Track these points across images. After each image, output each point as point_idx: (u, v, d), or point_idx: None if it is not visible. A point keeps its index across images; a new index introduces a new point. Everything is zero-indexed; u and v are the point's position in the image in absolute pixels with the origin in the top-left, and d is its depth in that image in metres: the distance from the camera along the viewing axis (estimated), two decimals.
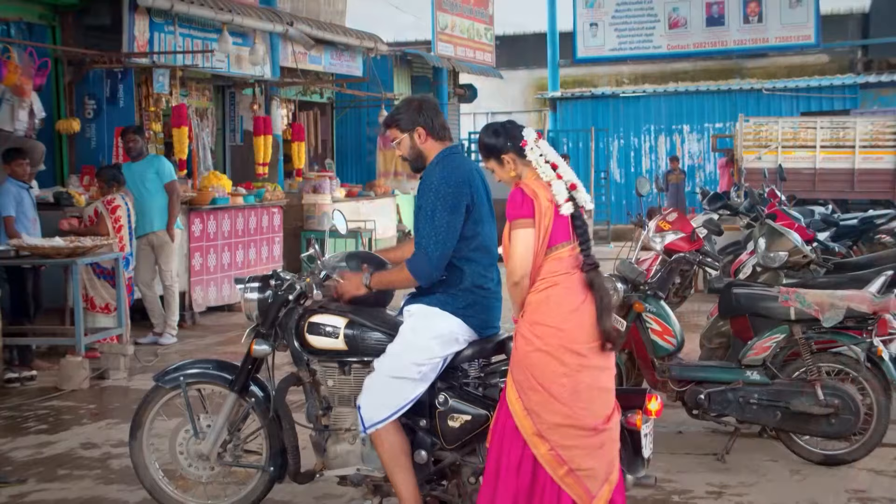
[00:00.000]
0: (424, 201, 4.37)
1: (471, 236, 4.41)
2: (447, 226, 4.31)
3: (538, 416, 3.95)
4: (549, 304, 4.00)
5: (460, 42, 20.79)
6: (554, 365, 3.97)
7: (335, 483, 4.82)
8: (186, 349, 9.82)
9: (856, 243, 11.73)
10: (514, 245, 4.00)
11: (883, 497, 5.40)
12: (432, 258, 4.32)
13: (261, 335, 4.75)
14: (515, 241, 4.00)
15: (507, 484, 3.97)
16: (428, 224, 4.33)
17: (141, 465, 5.05)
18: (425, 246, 4.34)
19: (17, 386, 8.25)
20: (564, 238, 4.05)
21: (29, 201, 8.84)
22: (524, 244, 3.99)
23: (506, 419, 4.01)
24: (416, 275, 4.39)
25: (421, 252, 4.35)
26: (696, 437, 6.53)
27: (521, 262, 4.00)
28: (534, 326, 3.99)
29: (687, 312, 10.87)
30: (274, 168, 14.49)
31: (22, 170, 8.81)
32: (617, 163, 25.54)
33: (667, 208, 9.75)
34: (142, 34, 11.33)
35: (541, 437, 3.95)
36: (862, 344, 5.79)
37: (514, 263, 4.01)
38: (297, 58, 14.58)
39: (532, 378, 3.97)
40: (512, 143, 4.13)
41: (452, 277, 4.42)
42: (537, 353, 3.97)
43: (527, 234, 3.99)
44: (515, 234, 4.01)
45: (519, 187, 4.05)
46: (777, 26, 25.77)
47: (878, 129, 18.33)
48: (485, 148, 4.21)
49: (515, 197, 4.04)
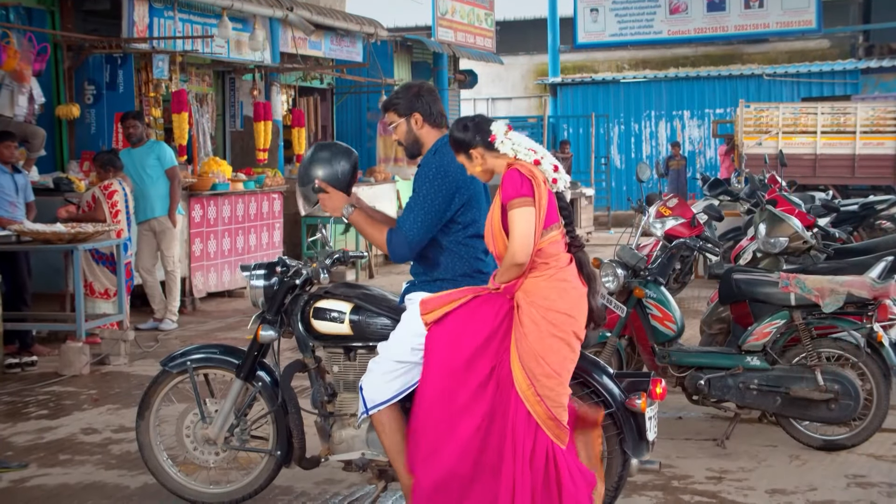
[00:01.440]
0: (418, 186, 4.41)
1: (468, 223, 4.43)
2: (433, 215, 4.35)
3: (552, 399, 4.00)
4: (561, 291, 4.03)
5: (460, 27, 20.72)
6: (566, 350, 4.04)
7: (337, 468, 4.83)
8: (187, 335, 9.83)
9: (856, 229, 11.74)
10: (516, 225, 3.95)
11: (882, 482, 5.41)
12: (411, 242, 4.37)
13: (267, 321, 4.77)
14: (518, 220, 3.95)
15: (523, 476, 3.98)
16: (416, 208, 4.37)
17: (147, 445, 5.06)
18: (407, 229, 4.37)
19: (18, 371, 8.26)
20: (555, 220, 4.08)
21: (11, 185, 8.72)
22: (528, 223, 3.94)
23: (517, 408, 4.01)
24: (391, 249, 4.43)
25: (402, 232, 4.39)
26: (696, 423, 6.54)
27: (526, 241, 3.94)
28: (548, 313, 4.00)
29: (687, 298, 10.88)
30: (274, 154, 14.47)
31: (9, 152, 8.71)
32: (617, 149, 25.52)
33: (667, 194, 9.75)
34: (141, 19, 11.30)
35: (554, 420, 4.00)
36: (862, 329, 5.80)
37: (519, 243, 3.94)
38: (297, 43, 14.55)
39: (546, 365, 3.99)
40: (480, 138, 4.12)
41: (451, 264, 4.43)
42: (553, 339, 4.01)
43: (529, 213, 3.95)
44: (517, 214, 3.95)
45: (514, 168, 4.03)
46: (778, 11, 25.69)
47: (878, 114, 18.31)
48: (454, 143, 4.19)
49: (514, 177, 3.99)
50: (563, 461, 4.02)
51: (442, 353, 4.13)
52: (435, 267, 4.47)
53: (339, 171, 4.63)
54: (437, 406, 4.11)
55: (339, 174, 4.63)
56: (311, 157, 4.68)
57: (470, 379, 4.07)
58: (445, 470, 4.08)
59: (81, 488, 5.44)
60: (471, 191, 4.43)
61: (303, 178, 4.65)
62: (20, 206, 8.81)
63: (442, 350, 4.13)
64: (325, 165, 4.62)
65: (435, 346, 4.15)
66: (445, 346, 4.13)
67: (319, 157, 4.65)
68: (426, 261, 4.50)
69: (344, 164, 4.65)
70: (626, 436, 4.35)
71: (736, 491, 5.27)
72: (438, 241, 4.45)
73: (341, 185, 4.61)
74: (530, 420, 4.00)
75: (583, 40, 27.64)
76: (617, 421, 4.38)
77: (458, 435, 4.06)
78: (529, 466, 3.98)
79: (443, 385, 4.11)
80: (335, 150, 4.71)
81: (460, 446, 4.06)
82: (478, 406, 4.06)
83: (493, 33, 22.54)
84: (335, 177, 4.61)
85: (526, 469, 3.97)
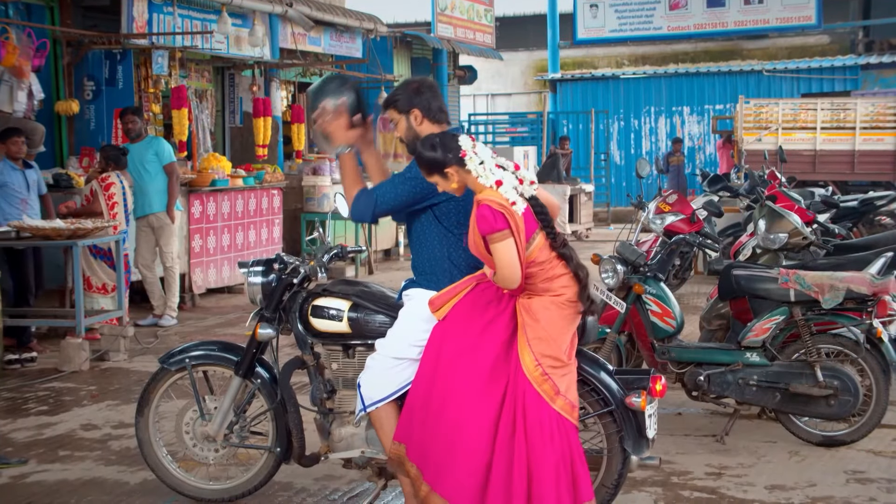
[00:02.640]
0: (409, 167, 4.38)
1: (465, 219, 4.42)
2: (409, 194, 4.35)
3: (557, 378, 4.09)
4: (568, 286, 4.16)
5: (460, 23, 20.71)
6: (570, 328, 4.21)
7: (337, 465, 4.83)
8: (186, 331, 9.83)
9: (856, 225, 11.74)
10: (500, 258, 4.02)
11: (881, 478, 5.42)
12: (377, 207, 4.39)
13: (265, 319, 4.76)
14: (500, 254, 4.02)
15: (544, 454, 4.02)
16: (398, 181, 4.37)
17: (146, 441, 5.07)
18: (379, 194, 4.38)
19: (18, 367, 8.26)
20: (534, 228, 4.12)
21: (22, 181, 8.76)
22: (510, 254, 4.02)
23: (525, 388, 4.06)
24: (354, 206, 4.46)
25: (372, 196, 4.39)
26: (695, 419, 6.55)
27: (512, 270, 4.04)
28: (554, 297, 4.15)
29: (687, 294, 10.88)
30: (273, 150, 14.45)
31: (17, 148, 8.73)
32: (617, 144, 25.50)
33: (667, 190, 9.75)
34: (140, 15, 11.28)
35: (559, 394, 4.09)
36: (861, 325, 5.80)
37: (506, 273, 4.03)
38: (296, 39, 14.54)
39: (553, 342, 4.10)
40: (452, 156, 4.11)
41: (450, 259, 4.43)
42: (560, 321, 4.14)
43: (509, 245, 4.02)
44: (499, 248, 4.02)
45: (484, 205, 4.04)
46: (778, 7, 25.66)
47: (878, 110, 18.28)
48: (427, 163, 4.15)
49: (486, 215, 4.01)
50: (575, 436, 4.11)
51: (452, 339, 4.17)
52: (432, 260, 4.46)
53: (343, 103, 4.53)
54: (453, 390, 4.12)
55: (341, 105, 4.53)
56: (318, 87, 4.62)
57: (480, 360, 4.12)
58: (467, 465, 4.08)
59: (81, 484, 5.44)
60: None
61: (310, 108, 4.62)
62: (31, 201, 8.81)
63: (452, 337, 4.17)
64: (329, 96, 4.54)
65: (445, 335, 4.19)
66: (455, 332, 4.17)
67: (327, 87, 4.56)
68: (423, 255, 4.49)
69: (344, 95, 4.54)
70: (625, 433, 4.36)
71: (735, 487, 5.28)
72: (436, 235, 4.44)
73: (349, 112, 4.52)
74: (541, 400, 4.05)
75: (582, 36, 27.63)
76: (616, 418, 4.38)
77: (474, 424, 4.07)
78: (550, 442, 4.03)
79: (456, 367, 4.13)
80: (335, 82, 4.61)
81: (478, 435, 4.07)
82: (493, 388, 4.10)
83: (492, 29, 22.53)
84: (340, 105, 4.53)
85: (546, 445, 4.02)
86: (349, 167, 4.55)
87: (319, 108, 4.53)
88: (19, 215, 8.56)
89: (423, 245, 4.48)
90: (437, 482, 4.10)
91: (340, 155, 4.56)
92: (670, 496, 5.15)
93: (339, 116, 4.52)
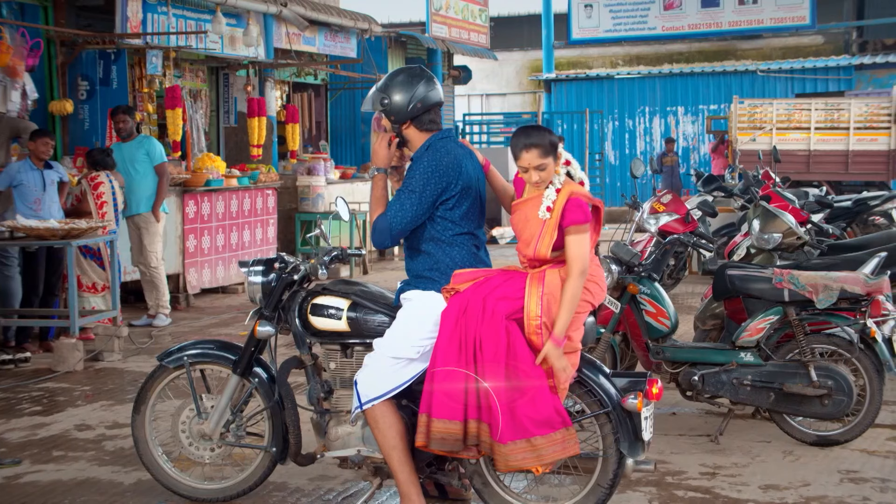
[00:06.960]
0: (410, 179, 4.42)
1: (459, 220, 4.44)
2: (420, 208, 4.38)
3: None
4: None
5: (454, 23, 20.70)
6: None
7: (331, 465, 4.83)
8: (181, 331, 9.82)
9: (850, 225, 11.75)
10: (577, 249, 4.19)
11: (875, 477, 5.43)
12: (393, 231, 4.43)
13: (264, 317, 4.77)
14: (578, 245, 4.20)
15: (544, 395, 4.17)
16: (405, 199, 4.39)
17: (142, 440, 5.06)
18: (391, 217, 4.41)
19: (11, 367, 8.25)
20: None
21: (39, 181, 8.73)
22: (586, 247, 4.24)
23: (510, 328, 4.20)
24: (373, 233, 4.49)
25: (386, 220, 4.42)
26: (689, 419, 6.56)
27: (585, 261, 4.21)
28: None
29: (681, 294, 10.90)
30: (268, 150, 14.44)
31: (46, 149, 8.80)
32: (611, 144, 25.52)
33: (661, 190, 9.76)
34: (135, 15, 11.27)
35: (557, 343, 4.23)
36: (855, 325, 5.81)
37: (580, 265, 4.18)
38: (290, 39, 14.53)
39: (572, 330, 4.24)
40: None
41: (445, 261, 4.44)
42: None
43: (587, 239, 4.25)
44: (577, 240, 4.20)
45: (577, 198, 4.24)
46: (772, 7, 25.71)
47: (872, 110, 18.33)
48: (551, 146, 4.27)
49: (582, 205, 4.23)
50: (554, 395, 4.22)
51: (462, 299, 4.24)
52: (428, 263, 4.47)
53: (395, 103, 4.50)
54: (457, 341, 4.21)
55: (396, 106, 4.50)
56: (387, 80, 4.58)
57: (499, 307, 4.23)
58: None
59: (75, 485, 5.44)
60: (462, 183, 4.43)
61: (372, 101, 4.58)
62: (47, 202, 8.77)
63: (462, 298, 4.24)
64: (392, 91, 4.50)
65: (456, 300, 4.25)
66: (466, 294, 4.25)
67: (396, 80, 4.52)
68: (419, 257, 4.50)
69: (398, 96, 4.49)
70: (621, 435, 4.35)
71: (729, 486, 5.29)
72: (431, 237, 4.45)
73: (399, 117, 4.50)
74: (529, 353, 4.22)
75: (577, 36, 27.66)
76: (613, 420, 4.38)
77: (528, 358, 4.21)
78: None
79: (459, 326, 4.21)
80: (402, 75, 4.56)
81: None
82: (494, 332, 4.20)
83: (487, 29, 22.53)
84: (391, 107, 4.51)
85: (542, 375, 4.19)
86: (377, 189, 4.56)
87: (377, 113, 4.58)
88: (33, 214, 8.57)
89: (418, 247, 4.49)
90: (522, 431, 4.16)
91: (371, 178, 4.57)
92: (665, 496, 5.15)
93: (384, 135, 4.56)
